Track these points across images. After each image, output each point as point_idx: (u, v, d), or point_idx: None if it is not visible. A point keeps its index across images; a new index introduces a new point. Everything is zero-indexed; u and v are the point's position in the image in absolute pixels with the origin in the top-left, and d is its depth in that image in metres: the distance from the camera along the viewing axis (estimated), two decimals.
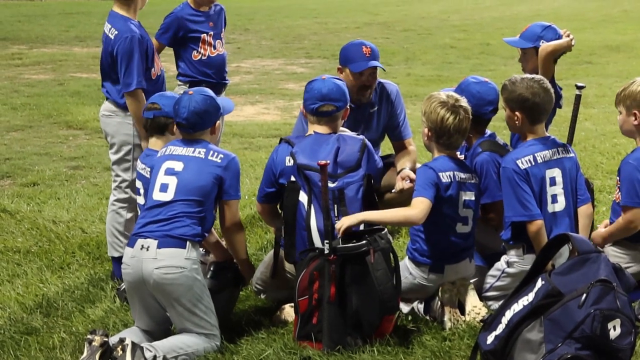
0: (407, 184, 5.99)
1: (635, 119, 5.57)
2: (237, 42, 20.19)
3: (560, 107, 6.26)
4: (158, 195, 5.06)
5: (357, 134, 5.61)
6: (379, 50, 6.40)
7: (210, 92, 5.35)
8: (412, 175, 5.96)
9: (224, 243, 5.46)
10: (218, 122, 5.34)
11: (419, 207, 5.22)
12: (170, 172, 5.09)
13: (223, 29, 7.15)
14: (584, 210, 5.57)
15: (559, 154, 5.50)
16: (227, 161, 5.13)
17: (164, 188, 5.06)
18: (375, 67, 6.26)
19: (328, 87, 5.45)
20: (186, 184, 5.04)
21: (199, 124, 5.19)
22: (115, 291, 5.81)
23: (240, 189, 5.23)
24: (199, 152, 5.13)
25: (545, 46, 6.18)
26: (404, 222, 5.49)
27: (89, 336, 4.64)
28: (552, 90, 5.55)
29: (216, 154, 5.14)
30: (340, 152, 5.33)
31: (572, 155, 5.58)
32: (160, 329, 5.10)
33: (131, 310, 5.18)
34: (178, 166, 5.09)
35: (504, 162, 5.49)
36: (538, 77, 5.60)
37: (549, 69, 6.15)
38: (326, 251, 5.00)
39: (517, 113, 5.47)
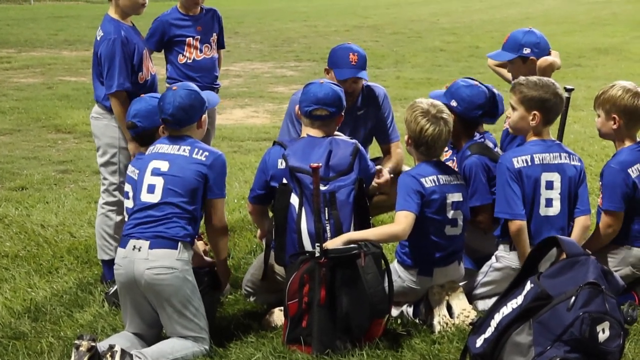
0: (381, 179, 6.01)
1: (615, 123, 5.59)
2: (226, 45, 20.16)
3: None
4: (146, 197, 5.05)
5: (350, 138, 5.61)
6: (367, 55, 6.39)
7: (194, 86, 5.32)
8: (386, 175, 6.02)
9: (200, 248, 5.45)
10: (204, 116, 5.30)
11: (403, 222, 5.23)
12: (156, 172, 5.07)
13: (214, 34, 7.13)
14: (581, 221, 5.55)
15: (561, 159, 5.50)
16: (212, 159, 5.10)
17: (151, 189, 5.05)
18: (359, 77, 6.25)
19: (324, 92, 5.44)
20: (172, 185, 5.02)
21: (185, 120, 5.17)
22: (104, 295, 5.79)
23: (225, 188, 5.20)
24: (184, 150, 5.11)
25: (545, 59, 6.20)
26: (389, 239, 5.50)
27: (76, 341, 4.62)
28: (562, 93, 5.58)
29: (201, 151, 5.11)
30: (333, 156, 5.32)
31: (578, 164, 5.56)
32: (152, 333, 5.08)
33: (122, 312, 5.15)
34: (164, 166, 5.07)
35: (501, 159, 5.53)
36: (550, 79, 5.62)
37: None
38: (317, 254, 5.00)
39: (535, 112, 5.46)
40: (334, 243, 5.08)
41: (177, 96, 5.14)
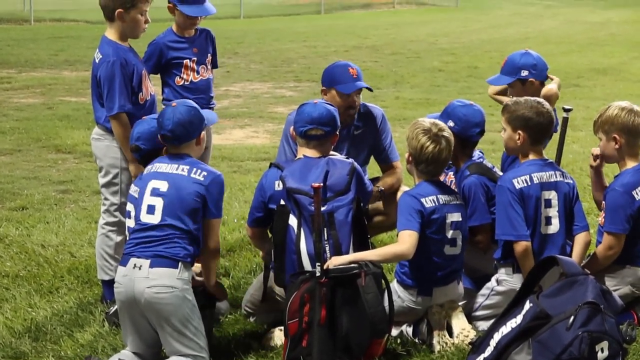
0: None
1: (616, 143, 5.62)
2: (226, 65, 20.21)
3: (556, 131, 6.31)
4: (146, 218, 5.06)
5: (346, 158, 5.64)
6: (366, 75, 6.46)
7: (193, 103, 5.34)
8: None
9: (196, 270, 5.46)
10: (203, 133, 5.32)
11: (407, 241, 5.25)
12: (156, 192, 5.08)
13: (209, 54, 7.14)
14: (581, 238, 5.59)
15: (556, 177, 5.54)
16: (210, 179, 5.10)
17: (151, 210, 5.06)
18: (361, 88, 6.34)
19: (319, 112, 5.48)
20: (172, 205, 5.03)
21: (184, 136, 5.19)
22: (104, 315, 5.80)
23: (222, 208, 5.19)
24: (183, 169, 5.11)
25: (550, 89, 6.27)
26: (394, 259, 5.51)
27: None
28: (552, 113, 5.62)
29: (199, 171, 5.12)
30: (330, 176, 5.34)
31: (570, 181, 5.61)
32: (151, 352, 5.09)
33: (122, 331, 5.16)
34: (163, 186, 5.08)
35: (500, 181, 5.55)
36: (540, 99, 5.66)
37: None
38: (317, 274, 5.01)
39: (519, 132, 5.51)
40: (338, 261, 5.09)
41: (177, 112, 5.17)
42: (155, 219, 5.03)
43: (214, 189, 5.12)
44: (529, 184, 5.46)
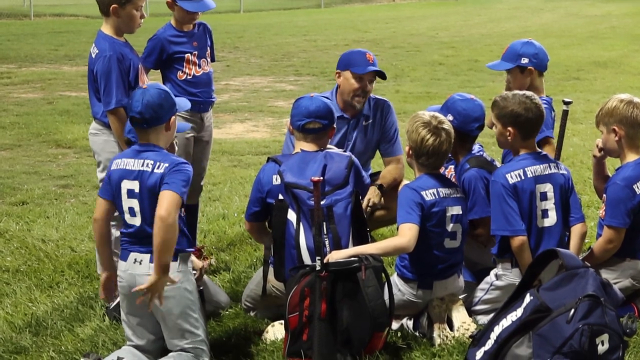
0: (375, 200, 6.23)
1: (616, 135, 5.62)
2: (226, 59, 20.21)
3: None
4: (131, 220, 4.99)
5: (345, 152, 5.64)
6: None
7: (165, 87, 5.24)
8: (376, 200, 6.24)
9: (199, 265, 5.43)
10: (173, 118, 5.14)
11: (408, 234, 5.24)
12: (131, 194, 4.98)
13: (208, 48, 7.13)
14: (578, 229, 5.59)
15: (550, 169, 5.54)
16: (170, 167, 4.92)
17: (132, 212, 4.98)
18: (374, 76, 6.45)
19: (315, 105, 5.48)
20: (147, 205, 4.93)
21: (153, 119, 5.02)
22: (105, 310, 5.80)
23: (180, 187, 4.86)
24: (147, 165, 4.96)
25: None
26: (394, 252, 5.50)
27: (82, 358, 4.65)
28: (542, 106, 5.60)
29: (161, 164, 4.95)
30: (328, 170, 5.34)
31: (564, 172, 5.61)
32: (154, 347, 5.08)
33: (124, 325, 5.12)
34: (135, 187, 4.96)
35: (493, 176, 5.53)
36: (529, 92, 5.65)
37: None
38: (318, 267, 5.01)
39: (509, 129, 5.51)
40: (338, 254, 5.09)
41: (147, 94, 5.01)
42: (138, 220, 4.97)
43: (172, 171, 4.91)
44: (523, 178, 5.46)
